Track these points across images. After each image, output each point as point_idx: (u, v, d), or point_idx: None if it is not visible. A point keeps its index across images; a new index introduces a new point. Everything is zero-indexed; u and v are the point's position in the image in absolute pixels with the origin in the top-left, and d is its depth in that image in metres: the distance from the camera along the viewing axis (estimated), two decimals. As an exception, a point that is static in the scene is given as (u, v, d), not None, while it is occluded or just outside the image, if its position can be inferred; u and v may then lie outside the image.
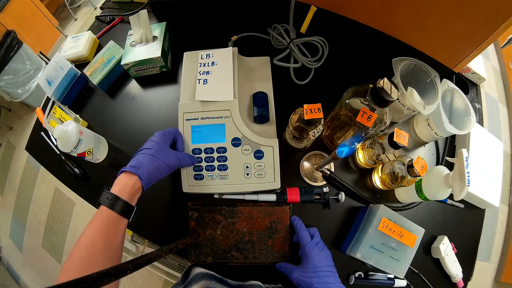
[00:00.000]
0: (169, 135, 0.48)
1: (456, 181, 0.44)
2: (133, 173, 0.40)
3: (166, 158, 0.44)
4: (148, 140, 0.46)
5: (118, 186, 0.40)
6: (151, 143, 0.45)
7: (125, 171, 0.41)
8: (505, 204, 1.58)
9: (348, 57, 0.68)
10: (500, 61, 2.02)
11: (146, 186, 0.42)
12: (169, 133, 0.48)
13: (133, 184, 0.40)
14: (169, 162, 0.44)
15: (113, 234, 0.38)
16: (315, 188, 0.54)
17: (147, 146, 0.44)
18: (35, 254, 1.56)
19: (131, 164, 0.42)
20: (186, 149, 0.52)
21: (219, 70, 0.54)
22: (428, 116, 0.57)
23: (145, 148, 0.44)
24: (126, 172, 0.41)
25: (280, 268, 0.49)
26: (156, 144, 0.45)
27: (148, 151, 0.43)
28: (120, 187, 0.40)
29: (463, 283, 0.54)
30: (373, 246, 0.48)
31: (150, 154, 0.43)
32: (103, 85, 0.66)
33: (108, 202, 0.38)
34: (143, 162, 0.42)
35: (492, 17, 0.53)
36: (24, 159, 1.75)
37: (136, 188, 0.41)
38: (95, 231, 0.37)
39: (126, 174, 0.41)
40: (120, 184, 0.40)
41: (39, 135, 0.65)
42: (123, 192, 0.39)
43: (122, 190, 0.39)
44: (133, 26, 0.65)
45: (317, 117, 0.41)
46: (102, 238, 0.36)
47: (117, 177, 0.42)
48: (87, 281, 0.23)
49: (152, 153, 0.43)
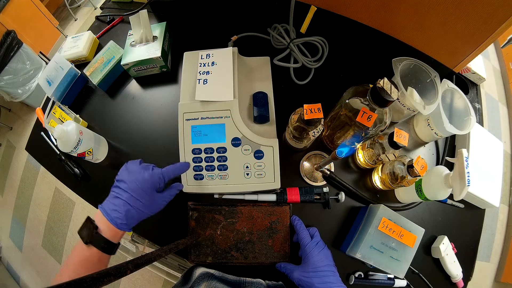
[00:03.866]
0: (159, 181, 0.43)
1: (456, 181, 0.44)
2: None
3: (156, 209, 0.43)
4: (139, 189, 0.40)
5: (110, 232, 0.39)
6: (141, 193, 0.40)
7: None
8: (505, 204, 1.58)
9: (348, 57, 0.68)
10: (500, 61, 2.02)
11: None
12: (158, 179, 0.43)
13: (121, 233, 0.41)
14: (157, 210, 0.43)
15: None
16: (315, 188, 0.54)
17: (137, 196, 0.40)
18: (35, 254, 1.56)
19: (119, 216, 0.39)
20: (186, 149, 0.51)
21: (219, 70, 0.54)
22: (428, 116, 0.57)
23: (135, 197, 0.40)
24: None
25: (280, 268, 0.49)
26: (147, 197, 0.41)
27: (139, 205, 0.40)
28: (112, 233, 0.39)
29: (463, 283, 0.54)
30: (373, 246, 0.48)
31: (140, 210, 0.40)
32: (103, 85, 0.66)
33: (102, 246, 0.38)
34: (132, 220, 0.40)
35: (492, 17, 0.53)
36: (24, 159, 1.75)
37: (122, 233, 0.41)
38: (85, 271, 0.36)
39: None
40: (112, 231, 0.39)
41: (39, 135, 0.65)
42: (115, 238, 0.39)
43: (114, 236, 0.39)
44: (133, 26, 0.65)
45: (317, 117, 0.41)
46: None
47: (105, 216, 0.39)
48: (87, 281, 0.23)
49: (142, 208, 0.40)
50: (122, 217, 0.39)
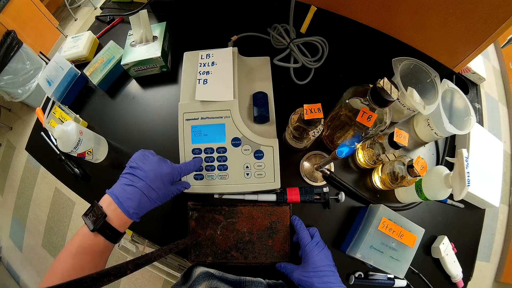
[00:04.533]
0: (177, 176, 0.44)
1: (456, 181, 0.44)
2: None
3: (164, 200, 0.42)
4: (159, 180, 0.40)
5: (119, 221, 0.38)
6: (160, 185, 0.40)
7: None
8: (505, 204, 1.57)
9: (348, 57, 0.68)
10: (500, 61, 2.02)
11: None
12: (178, 174, 0.44)
13: (129, 222, 0.40)
14: (164, 201, 0.43)
15: (106, 258, 0.39)
16: (315, 188, 0.54)
17: (154, 187, 0.39)
18: (35, 254, 1.56)
19: (132, 205, 0.38)
20: (186, 149, 0.52)
21: (219, 70, 0.54)
22: (428, 116, 0.57)
23: (152, 188, 0.39)
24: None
25: (281, 268, 0.49)
26: (164, 189, 0.41)
27: (153, 195, 0.39)
28: (120, 222, 0.38)
29: (463, 283, 0.54)
30: (373, 246, 0.48)
31: (153, 200, 0.40)
32: (103, 85, 0.66)
33: (108, 235, 0.37)
34: (143, 210, 0.39)
35: (492, 17, 0.53)
36: (24, 159, 1.75)
37: (130, 223, 0.40)
38: (90, 257, 0.36)
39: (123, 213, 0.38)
40: (121, 219, 0.38)
41: (39, 135, 0.65)
42: (123, 227, 0.38)
43: (121, 225, 0.38)
44: (133, 26, 0.65)
45: (317, 117, 0.41)
46: (92, 261, 0.36)
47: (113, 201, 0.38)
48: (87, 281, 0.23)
49: (155, 199, 0.40)
50: (135, 206, 0.37)
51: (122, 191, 0.38)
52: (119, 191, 0.38)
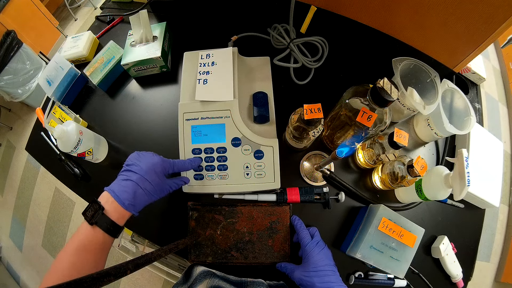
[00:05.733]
0: (169, 167, 0.45)
1: (456, 181, 0.44)
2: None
3: (161, 194, 0.44)
4: (152, 171, 0.42)
5: (116, 214, 0.39)
6: (152, 175, 0.42)
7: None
8: (505, 204, 1.57)
9: (348, 57, 0.68)
10: (500, 61, 2.02)
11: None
12: (169, 165, 0.45)
13: (127, 216, 0.40)
14: (162, 195, 0.44)
15: (105, 254, 0.39)
16: (315, 188, 0.54)
17: (148, 178, 0.41)
18: (35, 254, 1.56)
19: (128, 197, 0.39)
20: (186, 149, 0.51)
21: (219, 70, 0.54)
22: (428, 116, 0.57)
23: (145, 179, 0.41)
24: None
25: (281, 268, 0.49)
26: (157, 180, 0.42)
27: (148, 187, 0.41)
28: (118, 215, 0.39)
29: (463, 283, 0.54)
30: (373, 246, 0.48)
31: (148, 191, 0.41)
32: (103, 85, 0.66)
33: (107, 228, 0.37)
34: (140, 202, 0.40)
35: (492, 17, 0.53)
36: (24, 159, 1.74)
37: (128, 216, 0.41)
38: (91, 254, 0.37)
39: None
40: (118, 213, 0.39)
41: (39, 135, 0.65)
42: (121, 220, 0.39)
43: (119, 218, 0.39)
44: (133, 26, 0.66)
45: (317, 117, 0.41)
46: (93, 258, 0.37)
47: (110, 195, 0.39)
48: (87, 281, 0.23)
49: (150, 190, 0.41)
50: (130, 198, 0.39)
51: (118, 185, 0.40)
52: (116, 186, 0.40)
